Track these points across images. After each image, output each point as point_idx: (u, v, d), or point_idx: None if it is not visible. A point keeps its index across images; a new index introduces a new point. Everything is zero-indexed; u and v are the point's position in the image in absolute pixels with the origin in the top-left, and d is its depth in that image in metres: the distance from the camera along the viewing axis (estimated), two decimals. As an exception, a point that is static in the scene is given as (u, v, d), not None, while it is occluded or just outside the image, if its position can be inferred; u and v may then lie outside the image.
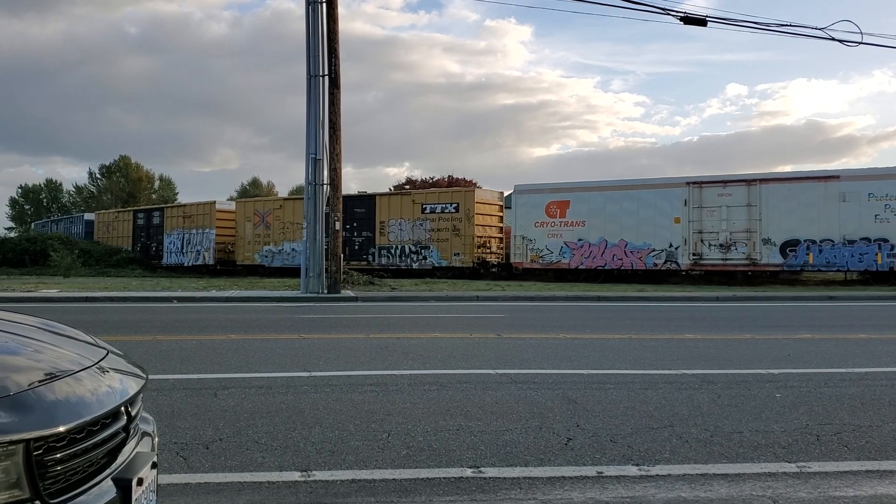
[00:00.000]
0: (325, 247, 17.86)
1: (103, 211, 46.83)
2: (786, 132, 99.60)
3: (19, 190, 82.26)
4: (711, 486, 3.62)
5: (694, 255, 23.27)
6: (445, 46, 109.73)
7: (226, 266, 33.06)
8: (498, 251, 28.28)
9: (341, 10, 18.19)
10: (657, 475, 3.77)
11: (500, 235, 28.39)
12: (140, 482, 2.03)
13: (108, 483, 1.93)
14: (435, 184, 48.12)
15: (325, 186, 17.87)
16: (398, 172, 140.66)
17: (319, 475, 3.75)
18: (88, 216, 45.11)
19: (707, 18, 17.49)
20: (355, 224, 28.76)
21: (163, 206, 42.42)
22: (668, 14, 17.34)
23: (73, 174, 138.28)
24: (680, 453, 4.15)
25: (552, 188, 26.24)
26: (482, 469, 3.86)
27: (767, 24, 18.39)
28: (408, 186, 50.59)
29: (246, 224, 32.37)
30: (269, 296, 17.24)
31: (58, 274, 29.02)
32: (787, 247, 22.11)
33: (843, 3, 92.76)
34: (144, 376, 2.40)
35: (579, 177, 56.35)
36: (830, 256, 21.52)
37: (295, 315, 13.16)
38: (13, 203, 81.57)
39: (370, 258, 28.47)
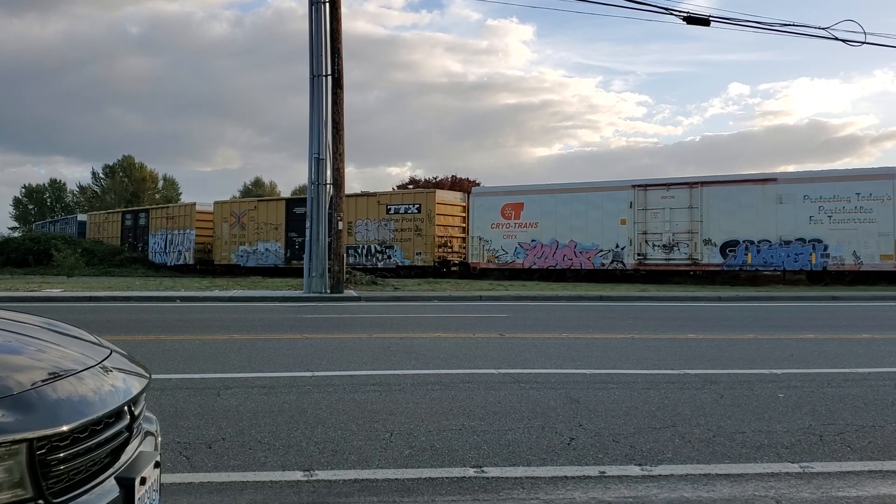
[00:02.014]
0: (327, 246, 17.87)
1: (94, 212, 48.08)
2: (788, 132, 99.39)
3: (23, 190, 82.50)
4: (714, 486, 3.61)
5: (639, 255, 24.05)
6: (447, 46, 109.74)
7: (205, 265, 34.00)
8: (461, 251, 28.96)
9: (343, 10, 18.21)
10: (660, 475, 3.77)
11: (462, 235, 29.02)
12: (143, 481, 2.03)
13: (112, 482, 1.93)
14: (438, 184, 48.18)
15: (328, 186, 17.89)
16: (400, 172, 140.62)
17: (322, 475, 3.76)
18: (81, 217, 46.42)
19: (710, 18, 17.48)
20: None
21: (148, 207, 43.99)
22: (671, 14, 17.34)
23: (75, 174, 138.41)
24: (682, 453, 4.15)
25: (506, 191, 27.52)
26: (485, 469, 3.86)
27: (771, 24, 18.35)
28: (411, 186, 50.63)
29: (223, 225, 33.32)
30: (272, 296, 17.26)
31: (61, 273, 29.07)
32: (727, 247, 22.90)
33: (845, 2, 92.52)
34: (148, 376, 2.40)
35: (581, 177, 56.55)
36: (768, 256, 22.34)
37: (298, 315, 13.17)
38: (17, 203, 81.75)
39: None
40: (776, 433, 4.56)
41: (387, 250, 28.63)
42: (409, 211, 28.31)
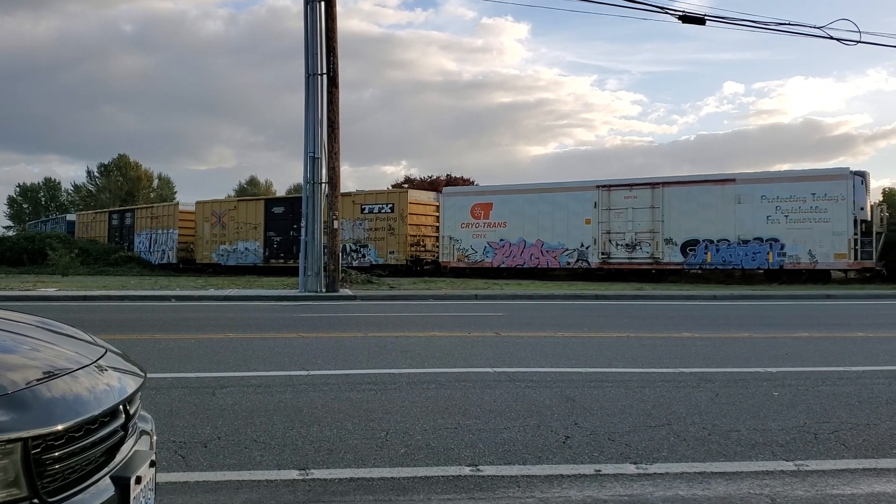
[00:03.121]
0: (323, 245, 17.85)
1: (83, 212, 48.96)
2: (783, 131, 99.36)
3: (17, 189, 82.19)
4: (709, 484, 3.62)
5: (603, 254, 24.69)
6: (442, 44, 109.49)
7: (187, 265, 34.59)
8: (434, 249, 29.39)
9: (338, 8, 18.17)
10: (655, 473, 3.78)
11: (436, 234, 29.42)
12: (138, 480, 2.03)
13: (107, 481, 1.93)
14: (432, 183, 48.20)
15: (323, 185, 17.88)
16: (395, 171, 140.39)
17: (318, 474, 3.75)
18: (70, 217, 47.41)
19: (706, 17, 17.50)
20: (303, 224, 30.22)
21: (133, 207, 45.01)
22: (667, 12, 17.37)
23: (69, 173, 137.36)
24: (678, 452, 4.16)
25: (476, 191, 28.63)
26: (480, 467, 3.86)
27: (767, 23, 18.36)
28: (406, 185, 50.63)
29: (204, 224, 33.99)
30: (268, 294, 17.24)
31: (56, 273, 28.96)
32: (687, 246, 23.50)
33: (841, 1, 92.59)
34: (143, 375, 2.40)
35: (576, 176, 56.70)
36: (727, 255, 22.92)
37: (293, 314, 13.15)
38: (11, 202, 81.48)
39: None
40: (771, 431, 4.57)
41: (361, 249, 29.10)
42: (383, 210, 28.78)
